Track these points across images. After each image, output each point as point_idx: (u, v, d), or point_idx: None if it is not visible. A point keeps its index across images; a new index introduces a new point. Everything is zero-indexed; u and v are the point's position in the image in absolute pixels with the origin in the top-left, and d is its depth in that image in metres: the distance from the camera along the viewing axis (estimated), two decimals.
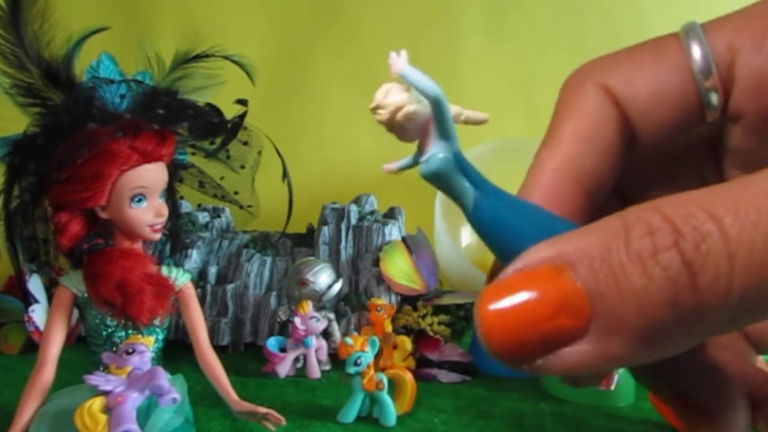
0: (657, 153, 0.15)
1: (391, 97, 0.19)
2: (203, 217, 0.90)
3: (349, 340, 0.56)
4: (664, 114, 0.15)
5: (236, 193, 0.63)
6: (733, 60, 0.15)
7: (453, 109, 0.20)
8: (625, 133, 0.16)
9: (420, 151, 0.19)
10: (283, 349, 0.70)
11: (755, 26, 0.15)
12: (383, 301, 0.78)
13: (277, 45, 1.16)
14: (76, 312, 0.51)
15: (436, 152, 0.18)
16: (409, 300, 0.83)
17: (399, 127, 0.19)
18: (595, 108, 0.16)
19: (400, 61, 0.18)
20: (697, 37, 0.15)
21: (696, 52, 0.15)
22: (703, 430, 0.16)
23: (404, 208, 0.95)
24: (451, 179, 0.18)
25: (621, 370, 0.61)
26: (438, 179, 0.19)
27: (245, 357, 0.76)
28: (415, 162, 0.19)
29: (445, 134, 0.18)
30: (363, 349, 0.56)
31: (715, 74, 0.15)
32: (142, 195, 0.48)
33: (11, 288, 0.86)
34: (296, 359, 0.70)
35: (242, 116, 0.57)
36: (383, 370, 0.59)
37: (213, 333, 0.77)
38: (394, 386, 0.58)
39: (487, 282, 0.18)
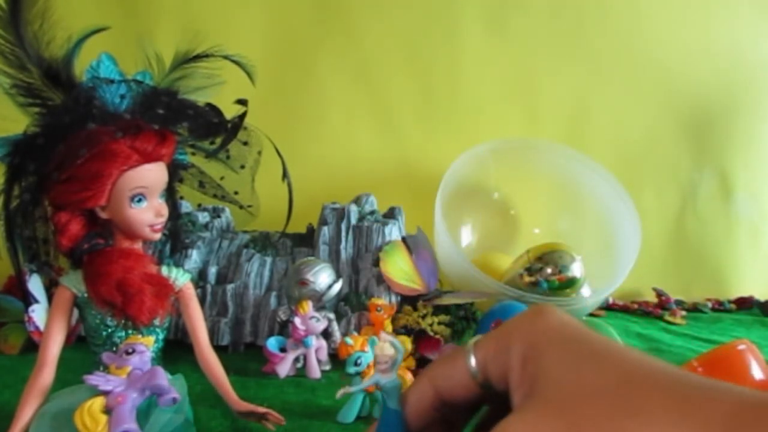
0: (457, 410, 0.30)
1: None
2: (203, 217, 0.90)
3: (349, 340, 0.56)
4: (457, 392, 0.29)
5: (236, 193, 0.63)
6: (485, 364, 0.28)
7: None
8: (436, 400, 0.29)
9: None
10: (283, 349, 0.70)
11: (491, 348, 0.28)
12: (383, 301, 0.78)
13: (277, 45, 1.16)
14: (76, 312, 0.51)
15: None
16: (409, 300, 0.83)
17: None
18: (422, 386, 0.30)
19: None
20: (471, 354, 0.28)
21: (471, 362, 0.28)
22: None
23: (404, 208, 0.95)
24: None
25: None
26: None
27: (245, 357, 0.76)
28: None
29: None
30: (363, 349, 0.56)
31: (479, 373, 0.28)
32: (142, 195, 0.48)
33: (11, 288, 0.86)
34: (296, 359, 0.70)
35: (242, 116, 0.57)
36: None
37: (213, 333, 0.77)
38: None
39: None
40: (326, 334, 0.73)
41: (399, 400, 0.33)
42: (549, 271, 0.92)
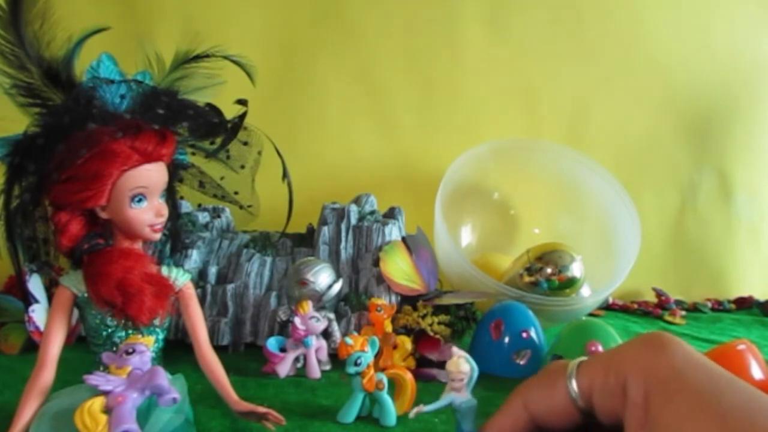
0: None
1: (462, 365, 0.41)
2: (203, 217, 0.90)
3: (349, 340, 0.56)
4: (554, 417, 0.27)
5: (236, 193, 0.63)
6: (591, 391, 0.26)
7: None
8: (530, 425, 0.28)
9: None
10: (283, 349, 0.70)
11: (599, 375, 0.26)
12: (383, 301, 0.78)
13: (277, 45, 1.16)
14: (76, 312, 0.51)
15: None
16: (409, 300, 0.83)
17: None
18: (516, 410, 0.29)
19: None
20: (573, 377, 0.27)
21: (573, 386, 0.27)
22: None
23: (404, 208, 0.95)
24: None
25: None
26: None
27: (245, 357, 0.76)
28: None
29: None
30: (363, 349, 0.56)
31: (580, 399, 0.27)
32: (142, 195, 0.48)
33: (11, 288, 0.86)
34: (296, 359, 0.70)
35: (242, 116, 0.57)
36: (383, 370, 0.59)
37: (213, 333, 0.77)
38: (394, 386, 0.58)
39: None
40: (326, 334, 0.73)
41: (474, 422, 0.30)
42: (549, 271, 0.92)
